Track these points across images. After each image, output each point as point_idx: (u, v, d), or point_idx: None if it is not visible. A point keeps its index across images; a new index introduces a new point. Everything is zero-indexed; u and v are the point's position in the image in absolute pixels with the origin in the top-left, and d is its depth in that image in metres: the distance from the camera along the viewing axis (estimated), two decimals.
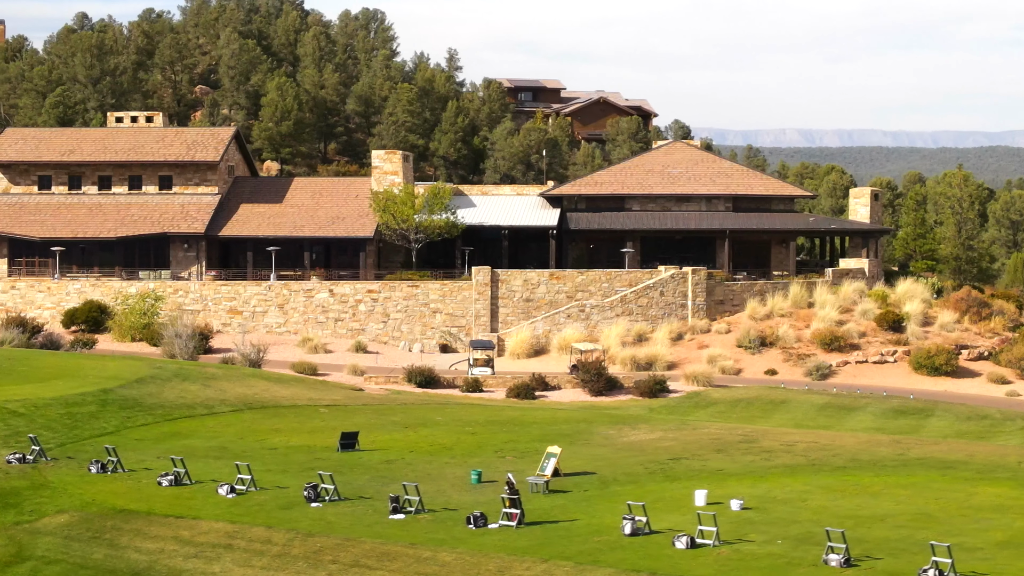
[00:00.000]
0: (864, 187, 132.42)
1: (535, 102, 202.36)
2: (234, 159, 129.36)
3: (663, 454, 67.39)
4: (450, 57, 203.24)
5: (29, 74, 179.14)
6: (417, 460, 64.70)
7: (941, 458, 67.33)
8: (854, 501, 56.38)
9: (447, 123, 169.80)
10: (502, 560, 47.28)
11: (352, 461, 64.21)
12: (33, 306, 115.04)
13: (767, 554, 47.65)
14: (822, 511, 54.36)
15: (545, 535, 50.30)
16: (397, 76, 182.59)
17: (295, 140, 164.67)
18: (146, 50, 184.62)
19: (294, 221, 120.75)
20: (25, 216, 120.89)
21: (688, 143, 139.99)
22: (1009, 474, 63.17)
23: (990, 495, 58.26)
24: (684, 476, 61.69)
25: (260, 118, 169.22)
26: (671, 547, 48.52)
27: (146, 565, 49.25)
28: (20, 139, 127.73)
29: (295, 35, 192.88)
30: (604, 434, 73.47)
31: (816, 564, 46.34)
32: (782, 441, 71.82)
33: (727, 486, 59.21)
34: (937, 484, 60.37)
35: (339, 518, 52.82)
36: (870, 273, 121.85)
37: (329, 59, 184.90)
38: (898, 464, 65.20)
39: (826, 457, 66.85)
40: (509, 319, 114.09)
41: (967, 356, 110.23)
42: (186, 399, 79.27)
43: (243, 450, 66.21)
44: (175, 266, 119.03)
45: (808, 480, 60.77)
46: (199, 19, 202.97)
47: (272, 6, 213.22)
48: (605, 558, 47.16)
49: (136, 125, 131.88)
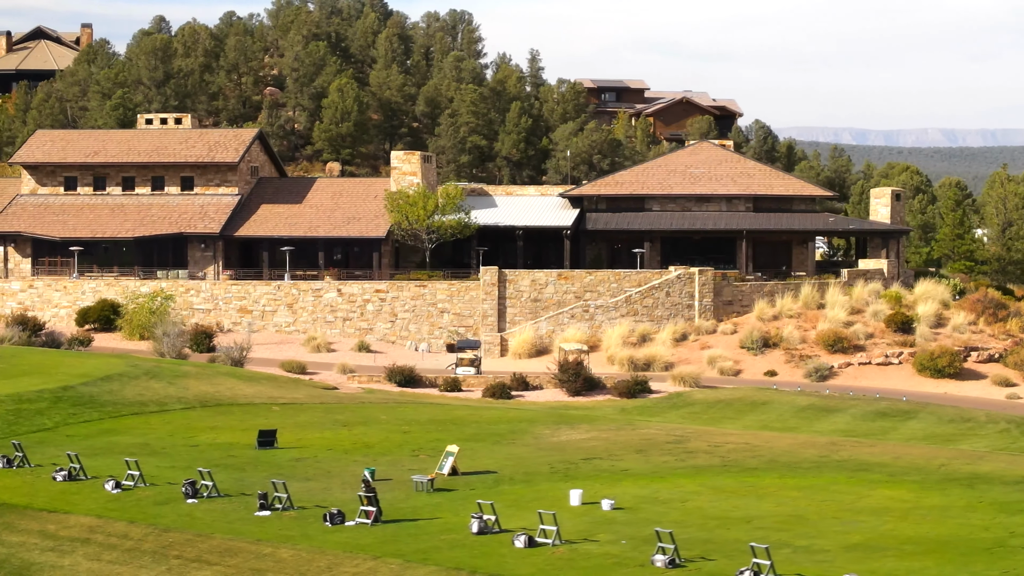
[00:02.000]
0: (885, 187, 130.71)
1: (618, 102, 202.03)
2: (259, 160, 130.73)
3: (580, 454, 67.37)
4: (532, 58, 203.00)
5: (96, 76, 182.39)
6: (327, 458, 65.24)
7: (863, 460, 66.68)
8: (735, 503, 56.05)
9: (511, 123, 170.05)
10: (336, 557, 47.64)
11: (263, 458, 64.90)
12: (50, 305, 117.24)
13: (603, 554, 47.60)
14: (694, 512, 54.15)
15: (395, 533, 50.59)
16: (467, 77, 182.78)
17: (355, 141, 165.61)
18: (214, 53, 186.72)
19: (310, 221, 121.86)
20: (49, 216, 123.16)
21: (716, 143, 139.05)
22: (920, 477, 62.47)
23: (882, 497, 57.70)
24: (584, 476, 61.65)
25: (321, 119, 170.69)
26: (510, 546, 48.53)
27: (3, 558, 50.11)
28: (48, 141, 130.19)
29: (373, 37, 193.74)
30: (537, 434, 73.54)
31: (644, 564, 46.20)
32: (712, 442, 71.47)
33: (619, 486, 59.14)
34: (836, 486, 59.88)
35: (206, 514, 53.46)
36: (889, 274, 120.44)
37: (402, 60, 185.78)
38: (812, 466, 64.69)
39: (744, 459, 66.47)
40: (517, 319, 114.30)
41: (976, 358, 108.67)
42: (144, 397, 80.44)
43: (164, 447, 67.15)
44: (192, 266, 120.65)
45: (705, 481, 60.48)
46: (277, 21, 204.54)
47: (354, 8, 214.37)
48: (437, 556, 47.34)
49: (165, 127, 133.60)
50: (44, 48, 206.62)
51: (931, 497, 57.94)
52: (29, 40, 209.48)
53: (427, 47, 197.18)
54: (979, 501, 57.17)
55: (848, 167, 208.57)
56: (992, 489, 59.85)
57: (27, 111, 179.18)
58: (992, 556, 48.08)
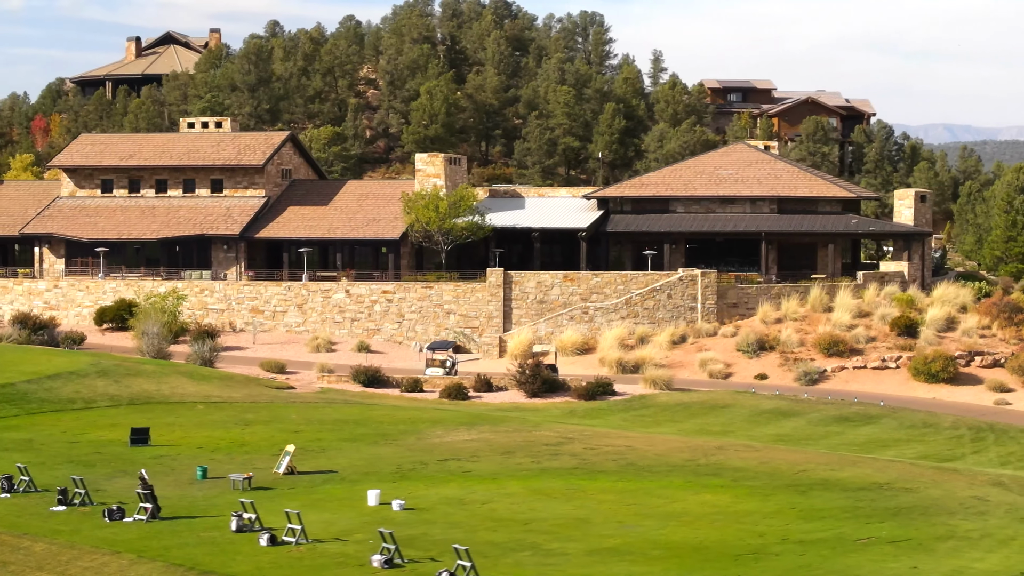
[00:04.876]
0: (909, 188, 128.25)
1: (744, 103, 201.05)
2: (292, 162, 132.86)
3: (443, 455, 67.95)
4: (655, 59, 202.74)
5: (192, 81, 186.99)
6: (186, 456, 66.63)
7: (724, 466, 66.37)
8: (535, 505, 56.33)
9: (604, 125, 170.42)
10: (81, 551, 49.02)
11: (125, 456, 66.60)
12: (73, 304, 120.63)
13: (335, 553, 48.40)
14: (481, 514, 54.66)
15: (162, 530, 51.84)
16: (571, 79, 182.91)
17: (444, 143, 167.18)
18: (312, 57, 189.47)
19: (331, 223, 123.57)
20: (82, 218, 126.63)
21: (749, 143, 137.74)
22: (762, 483, 62.10)
23: (695, 502, 57.64)
24: (419, 476, 62.32)
25: (409, 121, 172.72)
26: (255, 544, 49.30)
27: None
28: (89, 144, 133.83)
29: (484, 40, 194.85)
30: (426, 435, 74.26)
31: (364, 564, 46.71)
32: (592, 445, 71.58)
33: (441, 487, 59.77)
34: (662, 491, 59.95)
35: (5, 508, 55.01)
36: (910, 276, 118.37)
37: (509, 62, 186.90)
38: (663, 470, 64.65)
39: (601, 462, 66.61)
40: (523, 320, 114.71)
41: (980, 363, 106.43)
42: (78, 395, 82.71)
43: (43, 444, 69.21)
44: (216, 266, 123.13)
45: (532, 484, 60.77)
46: (392, 24, 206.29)
47: (474, 11, 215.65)
48: (178, 553, 48.55)
49: (206, 131, 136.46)
50: (172, 53, 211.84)
51: (746, 503, 57.50)
52: (159, 45, 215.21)
53: (540, 48, 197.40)
54: (791, 508, 56.68)
55: (978, 167, 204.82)
56: (819, 496, 59.26)
57: (124, 115, 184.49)
58: (737, 563, 47.82)
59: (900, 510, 56.56)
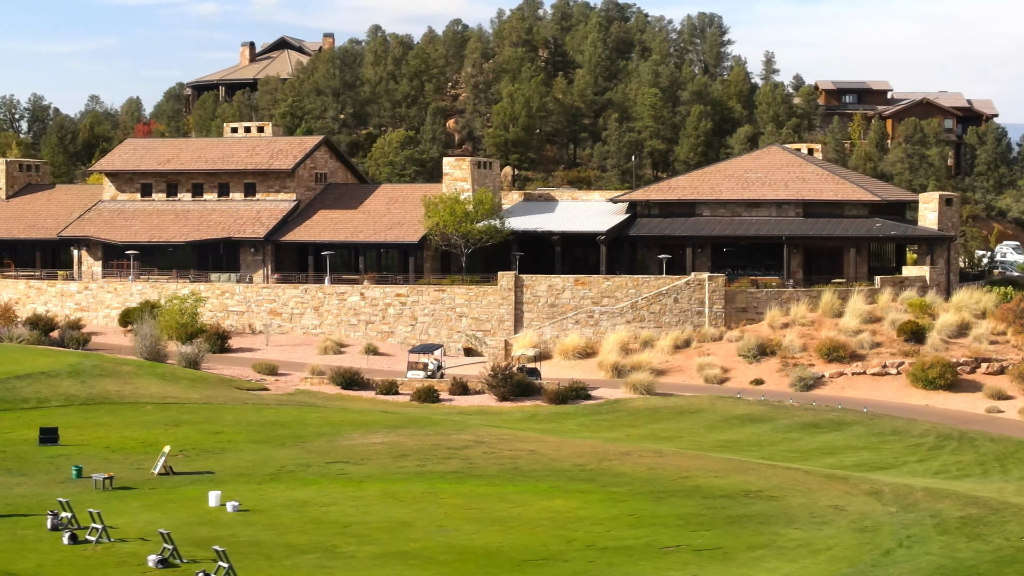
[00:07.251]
0: (934, 192, 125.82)
1: (859, 104, 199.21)
2: (328, 166, 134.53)
3: (335, 457, 68.81)
4: (767, 60, 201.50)
5: (281, 86, 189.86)
6: (87, 456, 68.23)
7: (607, 471, 66.14)
8: (374, 509, 57.19)
9: (690, 127, 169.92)
10: None
11: (28, 455, 68.22)
12: (103, 306, 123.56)
13: (125, 552, 49.54)
14: (314, 516, 55.53)
15: None
16: (665, 81, 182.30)
17: (524, 146, 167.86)
18: (400, 61, 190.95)
19: (356, 227, 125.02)
20: (119, 222, 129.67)
21: (788, 147, 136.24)
22: (629, 489, 62.25)
23: (540, 508, 57.98)
24: (296, 478, 63.34)
25: (491, 124, 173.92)
26: (58, 542, 50.53)
27: None
28: (131, 149, 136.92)
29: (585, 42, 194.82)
30: (336, 437, 75.02)
31: (141, 563, 47.70)
32: (497, 448, 72.14)
33: (300, 489, 60.66)
34: (515, 496, 60.31)
35: None
36: (932, 281, 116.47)
37: (607, 65, 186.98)
38: (537, 476, 65.20)
39: (488, 466, 67.01)
40: (534, 324, 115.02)
41: (986, 369, 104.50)
42: (37, 394, 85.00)
43: None
44: (244, 269, 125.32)
45: (389, 487, 61.49)
46: (496, 28, 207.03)
47: (582, 13, 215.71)
48: None
49: (249, 135, 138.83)
50: (285, 57, 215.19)
51: (589, 509, 57.70)
52: (273, 50, 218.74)
53: (646, 51, 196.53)
54: (629, 515, 56.83)
55: None
56: (670, 503, 59.27)
57: (212, 119, 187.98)
58: (517, 569, 48.07)
59: (739, 518, 56.18)
